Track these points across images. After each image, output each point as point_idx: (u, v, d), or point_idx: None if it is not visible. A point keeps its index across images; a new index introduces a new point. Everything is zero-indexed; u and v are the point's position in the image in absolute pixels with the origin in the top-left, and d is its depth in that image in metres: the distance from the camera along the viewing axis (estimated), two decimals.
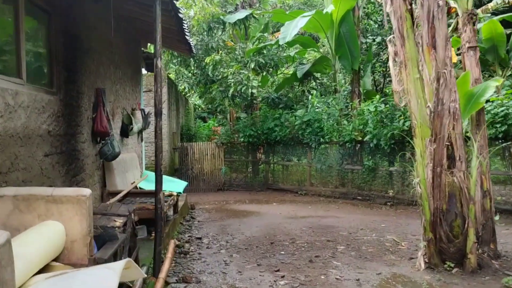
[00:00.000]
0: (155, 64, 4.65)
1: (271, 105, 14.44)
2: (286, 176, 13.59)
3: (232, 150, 14.39)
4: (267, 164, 14.05)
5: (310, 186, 12.71)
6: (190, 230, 8.10)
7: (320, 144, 12.45)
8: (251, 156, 14.27)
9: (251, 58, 12.29)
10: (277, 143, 13.40)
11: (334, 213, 9.73)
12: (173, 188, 7.25)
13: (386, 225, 8.21)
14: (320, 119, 12.33)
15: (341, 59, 12.62)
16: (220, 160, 14.01)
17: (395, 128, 10.14)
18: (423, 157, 5.58)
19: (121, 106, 7.30)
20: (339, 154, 11.92)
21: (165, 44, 9.14)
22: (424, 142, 5.61)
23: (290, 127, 12.66)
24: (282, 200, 11.90)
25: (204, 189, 13.89)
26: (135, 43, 8.67)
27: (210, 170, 14.00)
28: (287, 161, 13.52)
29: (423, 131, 5.61)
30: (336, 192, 11.99)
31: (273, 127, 13.11)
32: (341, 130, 11.72)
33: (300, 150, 13.20)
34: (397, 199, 10.59)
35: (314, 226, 8.24)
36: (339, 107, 12.16)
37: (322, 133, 12.21)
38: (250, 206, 11.00)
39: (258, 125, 13.51)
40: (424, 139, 5.61)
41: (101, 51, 6.12)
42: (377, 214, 9.61)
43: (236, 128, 13.78)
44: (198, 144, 14.04)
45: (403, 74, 5.69)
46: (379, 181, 11.07)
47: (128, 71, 8.00)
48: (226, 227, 8.42)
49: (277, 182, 13.74)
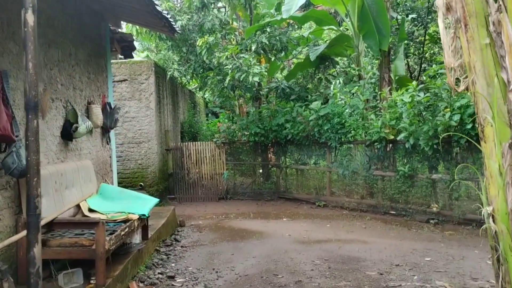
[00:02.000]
0: (22, 20, 2.83)
1: (281, 96, 12.59)
2: (301, 182, 11.72)
3: (236, 151, 12.61)
4: (278, 168, 12.21)
5: (330, 196, 10.81)
6: (165, 262, 6.34)
7: (341, 144, 10.53)
8: (260, 158, 12.46)
9: (252, 39, 10.41)
10: (289, 143, 11.55)
11: (360, 236, 7.83)
12: (134, 209, 5.49)
13: (432, 259, 6.27)
14: (341, 113, 10.41)
15: (366, 38, 10.63)
16: (222, 163, 12.23)
17: (439, 123, 8.15)
18: (501, 172, 3.64)
19: (63, 99, 5.55)
20: (366, 157, 9.98)
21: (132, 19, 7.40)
22: (501, 148, 3.67)
23: (304, 123, 10.78)
24: (295, 214, 10.05)
25: (203, 198, 12.14)
26: (95, 17, 6.93)
27: (210, 175, 12.24)
28: (301, 164, 11.64)
29: (500, 130, 3.65)
30: (362, 205, 10.05)
31: (284, 123, 11.25)
32: (368, 127, 9.79)
33: (317, 151, 11.32)
34: (443, 215, 8.60)
35: (331, 258, 6.37)
36: (365, 97, 10.19)
37: (344, 130, 10.29)
38: (253, 222, 9.20)
39: (266, 121, 11.69)
40: (502, 143, 3.66)
41: (12, 18, 4.38)
42: (417, 238, 7.66)
43: (240, 125, 11.96)
44: (195, 144, 12.28)
45: (462, 40, 3.74)
46: (418, 191, 9.09)
47: (80, 52, 6.25)
48: (215, 256, 6.66)
49: (290, 190, 11.88)
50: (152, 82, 11.14)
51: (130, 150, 11.23)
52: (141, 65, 11.17)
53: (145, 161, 11.22)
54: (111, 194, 6.05)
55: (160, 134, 11.76)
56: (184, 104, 16.70)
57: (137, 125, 11.18)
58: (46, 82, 5.07)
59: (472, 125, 7.70)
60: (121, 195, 6.10)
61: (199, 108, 21.12)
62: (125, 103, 11.12)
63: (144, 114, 11.15)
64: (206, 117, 22.13)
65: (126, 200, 5.94)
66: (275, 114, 11.72)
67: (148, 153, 11.22)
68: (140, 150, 11.22)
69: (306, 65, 12.41)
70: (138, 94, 11.14)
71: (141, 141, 11.20)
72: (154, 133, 11.20)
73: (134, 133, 11.19)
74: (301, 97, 12.33)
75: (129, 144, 11.21)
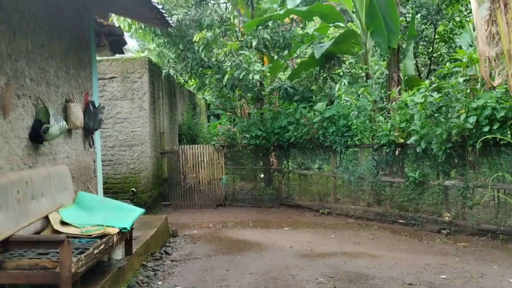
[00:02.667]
0: None
1: (284, 97, 11.95)
2: (304, 188, 11.07)
3: (236, 154, 11.99)
4: (280, 172, 11.57)
5: (334, 203, 10.16)
6: (151, 280, 5.72)
7: (347, 147, 9.89)
8: (261, 162, 11.83)
9: (253, 34, 9.77)
10: (292, 146, 10.94)
11: (368, 248, 7.19)
12: (115, 221, 4.86)
13: (448, 277, 5.63)
14: (347, 115, 9.76)
15: (375, 34, 10.00)
16: (220, 167, 11.60)
17: (453, 126, 7.51)
18: None
19: (32, 95, 4.94)
20: (373, 161, 9.34)
21: (120, 10, 6.81)
22: None
23: (308, 126, 10.14)
24: (298, 223, 9.42)
25: (200, 205, 11.51)
26: (76, 6, 6.32)
27: (207, 180, 11.62)
28: (305, 169, 11.00)
29: None
30: (369, 213, 9.39)
31: (286, 126, 10.62)
32: (376, 129, 9.16)
33: (321, 155, 10.71)
34: (456, 225, 7.95)
35: (337, 275, 5.74)
36: (373, 97, 9.54)
37: (350, 133, 9.65)
38: (253, 232, 8.58)
39: (268, 123, 11.06)
40: None
41: None
42: (429, 250, 7.02)
43: (241, 127, 11.33)
44: (192, 147, 11.66)
45: (501, 23, 3.11)
46: (429, 199, 8.43)
47: (56, 43, 5.65)
48: (208, 272, 6.05)
49: (292, 196, 11.24)
50: (146, 80, 10.53)
51: (122, 153, 10.62)
52: (134, 63, 10.57)
53: (137, 165, 10.61)
54: (90, 204, 5.42)
55: (154, 136, 11.15)
56: (183, 105, 16.11)
57: (129, 127, 10.56)
58: (10, 76, 4.47)
59: (489, 128, 7.06)
60: (101, 205, 5.47)
61: (200, 110, 20.52)
62: (116, 103, 10.52)
63: (137, 115, 10.54)
64: (208, 120, 21.50)
65: (107, 211, 5.32)
66: (278, 116, 11.13)
67: (141, 157, 10.60)
68: (132, 154, 10.61)
69: (310, 64, 11.77)
70: (131, 93, 10.53)
71: (133, 144, 10.58)
72: (148, 135, 10.59)
73: (126, 135, 10.58)
74: (305, 98, 11.70)
75: (120, 147, 10.60)
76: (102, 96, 10.51)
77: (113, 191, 10.64)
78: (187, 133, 15.67)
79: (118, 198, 10.75)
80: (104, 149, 10.58)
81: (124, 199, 10.54)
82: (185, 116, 16.31)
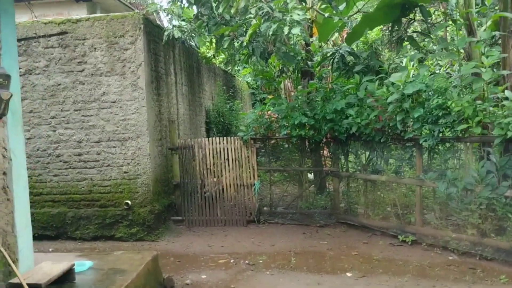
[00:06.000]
0: None
1: (340, 68, 8.62)
2: (371, 200, 7.84)
3: (273, 151, 8.83)
4: (335, 176, 8.36)
5: (421, 227, 6.85)
6: None
7: (442, 141, 6.54)
8: (308, 161, 8.67)
9: None
10: (353, 139, 7.85)
11: None
12: None
13: None
14: (444, 90, 6.34)
15: None
16: (251, 168, 8.50)
17: None
18: None
19: None
20: (490, 165, 5.95)
21: None
22: None
23: (378, 109, 6.97)
24: (367, 260, 6.28)
25: (224, 221, 8.51)
26: None
27: (233, 187, 8.56)
28: (372, 172, 7.72)
29: None
30: (484, 247, 6.06)
31: (345, 109, 7.40)
32: (491, 114, 5.71)
33: (399, 152, 7.41)
34: None
35: None
36: (490, 61, 6.04)
37: (449, 119, 6.26)
38: (294, 280, 5.45)
39: (317, 106, 7.85)
40: None
41: None
42: None
43: (277, 111, 8.18)
44: (212, 141, 8.61)
45: None
46: None
47: None
48: None
49: (355, 212, 8.05)
50: (141, 47, 7.53)
51: (111, 150, 7.74)
52: (124, 22, 7.59)
53: (132, 167, 7.66)
54: None
55: (157, 126, 8.18)
56: (213, 87, 13.08)
57: (120, 113, 7.64)
58: None
59: None
60: None
61: (242, 95, 17.53)
62: (101, 80, 7.63)
63: (130, 96, 7.58)
64: (253, 107, 18.67)
65: None
66: (331, 96, 8.05)
67: (137, 155, 7.65)
68: (125, 151, 7.69)
69: (378, 19, 8.31)
70: (121, 66, 7.57)
71: (126, 137, 7.65)
72: (146, 124, 7.60)
73: (115, 126, 7.67)
74: (370, 69, 8.37)
75: (109, 141, 7.72)
76: (82, 71, 7.62)
77: (101, 204, 7.81)
78: (217, 122, 12.82)
79: (107, 214, 7.93)
80: (87, 144, 7.74)
81: (115, 215, 7.65)
82: (216, 100, 13.32)
